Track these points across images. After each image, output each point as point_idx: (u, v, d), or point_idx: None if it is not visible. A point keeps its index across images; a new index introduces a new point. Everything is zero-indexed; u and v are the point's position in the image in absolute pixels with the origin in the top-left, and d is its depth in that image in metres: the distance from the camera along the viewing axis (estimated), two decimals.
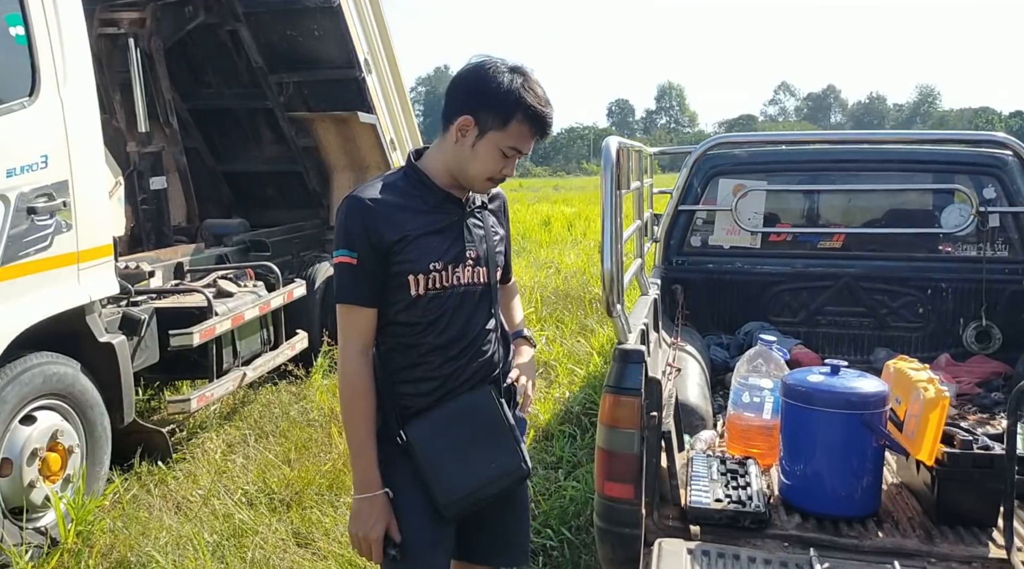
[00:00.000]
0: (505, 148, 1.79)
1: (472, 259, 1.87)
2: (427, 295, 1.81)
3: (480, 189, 1.89)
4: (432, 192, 1.85)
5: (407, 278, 1.79)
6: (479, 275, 1.89)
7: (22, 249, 3.30)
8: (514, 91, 1.76)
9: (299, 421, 4.97)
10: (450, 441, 1.83)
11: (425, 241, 1.80)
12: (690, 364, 3.19)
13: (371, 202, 1.78)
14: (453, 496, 1.82)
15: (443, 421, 1.83)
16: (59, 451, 3.46)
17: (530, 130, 1.79)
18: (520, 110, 1.76)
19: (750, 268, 4.17)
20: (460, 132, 1.80)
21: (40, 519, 3.38)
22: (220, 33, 6.38)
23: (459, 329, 1.86)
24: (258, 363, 5.14)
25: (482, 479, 1.85)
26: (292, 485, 3.86)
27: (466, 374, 1.87)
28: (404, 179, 1.86)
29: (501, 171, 1.83)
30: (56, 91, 3.51)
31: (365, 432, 1.80)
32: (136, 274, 4.49)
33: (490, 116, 1.77)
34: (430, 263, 1.80)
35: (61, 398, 3.52)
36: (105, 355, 3.82)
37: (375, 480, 1.80)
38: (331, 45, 6.36)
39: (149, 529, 3.39)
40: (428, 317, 1.82)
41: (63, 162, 3.52)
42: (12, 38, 3.35)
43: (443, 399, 1.85)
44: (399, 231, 1.78)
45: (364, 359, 1.81)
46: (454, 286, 1.84)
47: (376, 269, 1.78)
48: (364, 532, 1.79)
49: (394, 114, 7.16)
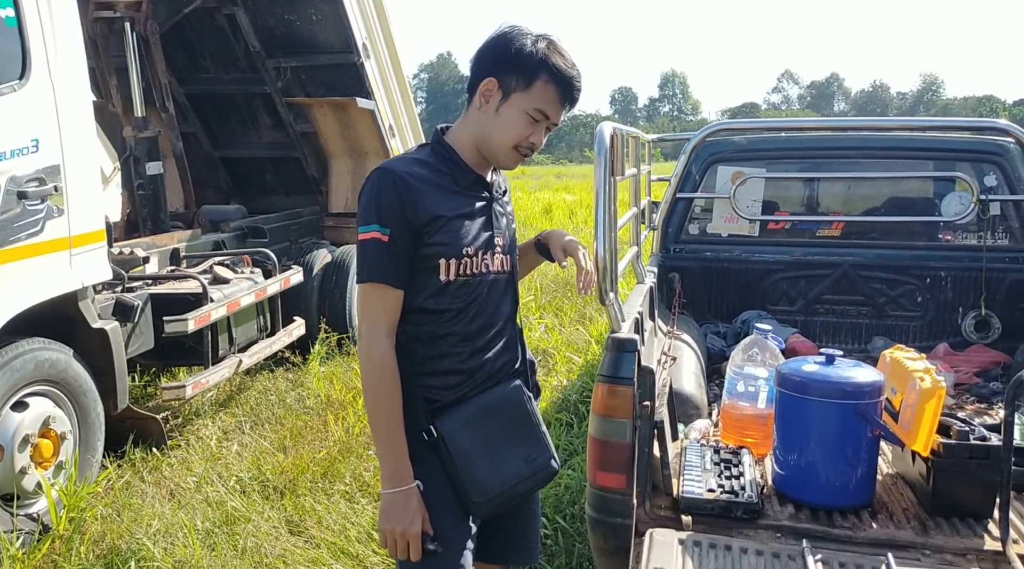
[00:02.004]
0: (531, 110, 1.68)
1: (500, 246, 1.79)
2: (457, 281, 1.70)
3: (505, 161, 1.74)
4: (463, 172, 1.75)
5: (438, 261, 1.68)
6: (505, 263, 1.81)
7: (13, 234, 3.27)
8: (539, 51, 1.67)
9: (295, 408, 4.96)
10: (483, 437, 1.73)
11: (458, 224, 1.70)
12: (686, 353, 3.17)
13: (407, 175, 1.66)
14: (488, 494, 1.71)
15: (474, 415, 1.74)
16: (51, 437, 3.45)
17: (556, 93, 1.68)
18: (545, 70, 1.66)
19: (748, 256, 4.13)
20: (484, 97, 1.70)
21: (32, 505, 3.37)
22: (217, 17, 6.34)
23: (487, 319, 1.77)
24: (254, 350, 5.12)
25: (516, 476, 1.76)
26: (286, 472, 3.85)
27: (493, 367, 1.79)
28: (433, 155, 1.75)
29: (528, 138, 1.70)
30: (47, 74, 3.47)
31: (395, 421, 1.67)
32: (131, 260, 4.46)
33: (514, 77, 1.67)
34: (463, 248, 1.70)
35: (53, 384, 3.50)
36: (98, 341, 3.80)
37: (407, 471, 1.67)
38: (329, 29, 6.32)
39: (141, 516, 3.38)
40: (456, 305, 1.72)
41: (54, 146, 3.48)
42: (2, 20, 3.31)
43: (469, 393, 1.76)
44: (434, 210, 1.66)
45: (391, 342, 1.67)
46: (483, 273, 1.75)
47: (408, 248, 1.66)
48: (403, 528, 1.65)
49: (393, 100, 7.12)
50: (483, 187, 1.78)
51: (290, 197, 7.38)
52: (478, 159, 1.77)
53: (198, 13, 6.17)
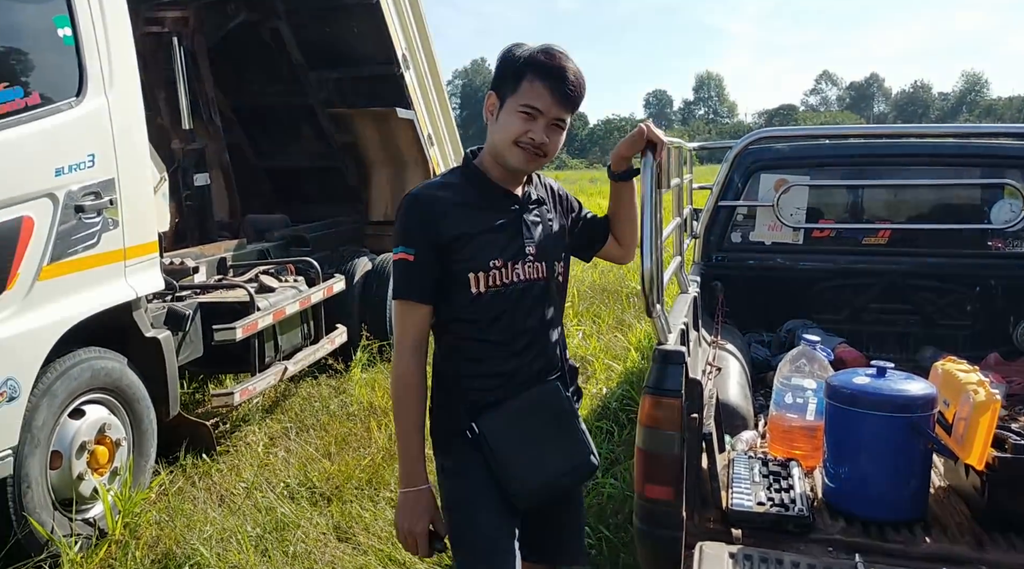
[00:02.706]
0: (521, 107, 1.77)
1: (532, 255, 1.87)
2: (488, 292, 1.82)
3: (514, 161, 1.81)
4: (488, 189, 1.86)
5: (467, 276, 1.80)
6: (539, 270, 1.89)
7: (71, 247, 3.37)
8: (524, 55, 1.79)
9: (339, 415, 5.03)
10: (522, 432, 1.83)
11: (483, 239, 1.82)
12: (731, 363, 3.15)
13: (429, 199, 1.81)
14: (527, 486, 1.81)
15: (514, 413, 1.84)
16: (107, 444, 3.54)
17: (543, 87, 1.76)
18: (530, 69, 1.77)
19: (792, 264, 4.10)
20: (489, 112, 1.84)
21: (88, 511, 3.46)
22: (262, 31, 6.46)
23: (521, 325, 1.86)
24: (299, 357, 5.20)
25: (555, 470, 1.85)
26: (332, 479, 3.91)
27: (531, 369, 1.88)
28: (462, 177, 1.89)
29: (527, 134, 1.77)
30: (103, 91, 3.57)
31: (412, 426, 1.81)
32: (181, 270, 4.57)
33: (506, 85, 1.79)
34: (489, 260, 1.81)
35: (109, 392, 3.60)
36: (151, 350, 3.90)
37: (420, 474, 1.81)
38: (370, 42, 6.40)
39: (194, 522, 3.46)
40: (490, 314, 1.83)
41: (110, 161, 3.58)
42: (60, 39, 3.42)
43: (509, 394, 1.85)
44: (457, 229, 1.79)
45: (415, 355, 1.81)
46: (514, 283, 1.84)
47: (433, 266, 1.80)
48: (409, 525, 1.80)
49: (432, 109, 7.19)
50: (511, 200, 1.88)
51: (331, 206, 7.47)
52: (502, 173, 1.86)
53: (243, 27, 6.30)
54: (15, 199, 3.11)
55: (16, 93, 3.17)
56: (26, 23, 3.32)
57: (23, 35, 3.32)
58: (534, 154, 1.80)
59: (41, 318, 3.20)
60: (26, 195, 3.16)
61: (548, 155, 1.83)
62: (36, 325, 3.18)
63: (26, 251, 3.15)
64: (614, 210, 2.05)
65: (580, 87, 1.80)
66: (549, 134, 1.80)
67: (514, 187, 1.89)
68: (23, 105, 3.19)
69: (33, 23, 3.34)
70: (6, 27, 3.26)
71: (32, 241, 3.18)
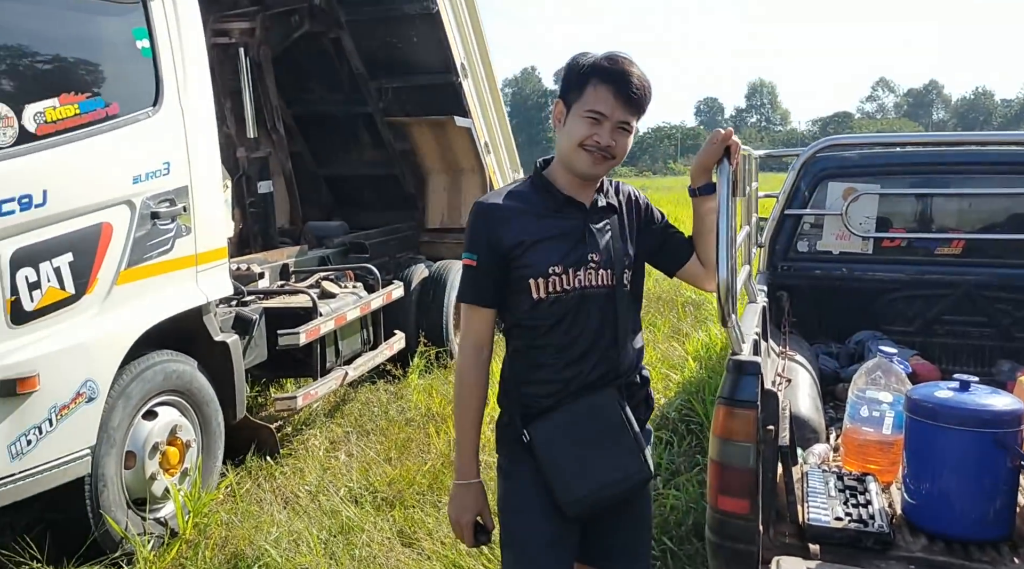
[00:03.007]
0: (586, 112, 1.81)
1: (595, 262, 1.88)
2: (548, 298, 1.85)
3: (580, 165, 1.85)
4: (554, 197, 1.90)
5: (528, 282, 1.85)
6: (603, 278, 1.89)
7: (146, 252, 3.47)
8: (588, 62, 1.84)
9: (398, 420, 5.07)
10: (571, 442, 1.86)
11: (544, 246, 1.85)
12: (800, 374, 3.10)
13: (493, 208, 1.88)
14: (573, 495, 1.84)
15: (565, 422, 1.86)
16: (177, 445, 3.63)
17: (607, 91, 1.80)
18: (593, 75, 1.81)
19: (861, 274, 4.01)
20: (557, 120, 1.90)
21: (159, 510, 3.54)
22: (323, 41, 6.58)
23: (581, 332, 1.88)
24: (359, 362, 5.27)
25: (602, 480, 1.86)
26: (395, 484, 3.94)
27: (589, 378, 1.88)
28: (530, 185, 1.94)
29: (592, 138, 1.81)
30: (177, 100, 3.67)
31: (468, 423, 1.92)
32: (247, 275, 4.67)
33: (572, 92, 1.84)
34: (549, 267, 1.84)
35: (179, 394, 3.69)
36: (219, 353, 3.98)
37: (471, 469, 1.92)
38: (429, 51, 6.48)
39: (262, 523, 3.51)
40: (550, 320, 1.87)
41: (183, 168, 3.68)
42: (138, 51, 3.53)
43: (563, 400, 1.88)
44: (517, 236, 1.84)
45: (475, 355, 1.90)
46: (575, 289, 1.86)
47: (494, 272, 1.86)
48: (456, 516, 1.93)
49: (488, 117, 7.23)
50: (576, 207, 1.90)
51: (387, 213, 7.56)
52: (570, 180, 1.90)
53: (305, 37, 6.42)
54: (96, 206, 3.22)
55: (97, 103, 3.28)
56: (107, 35, 3.44)
57: (104, 47, 3.43)
58: (601, 157, 1.84)
59: (118, 321, 3.30)
60: (106, 202, 3.27)
61: (616, 157, 1.86)
62: (114, 328, 3.28)
63: (105, 256, 3.26)
64: (698, 229, 2.02)
65: (644, 90, 1.84)
66: (615, 137, 1.83)
67: (582, 194, 1.92)
68: (104, 115, 3.30)
69: (113, 35, 3.45)
70: (88, 39, 3.37)
71: (111, 246, 3.28)
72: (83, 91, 3.22)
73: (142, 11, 3.52)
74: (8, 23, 2.94)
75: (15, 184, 2.89)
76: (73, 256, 3.10)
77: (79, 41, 3.33)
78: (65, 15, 3.25)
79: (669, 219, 2.14)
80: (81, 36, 3.34)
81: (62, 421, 3.02)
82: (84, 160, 3.17)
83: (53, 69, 3.18)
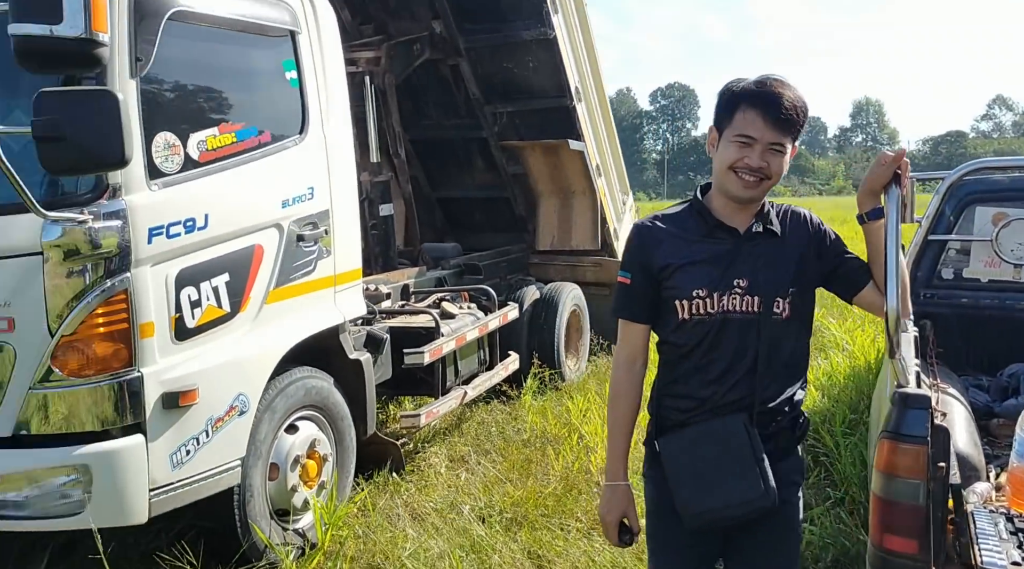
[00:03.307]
0: (735, 137, 1.86)
1: (741, 288, 1.91)
2: (692, 320, 1.92)
3: (733, 188, 1.89)
4: (706, 221, 1.95)
5: (674, 303, 1.93)
6: (748, 304, 1.91)
7: (292, 273, 3.64)
8: (738, 89, 1.89)
9: (515, 441, 5.10)
10: (695, 459, 1.92)
11: (691, 269, 1.92)
12: (955, 408, 2.95)
13: (647, 230, 2.00)
14: (690, 510, 1.92)
15: (692, 439, 1.94)
16: (316, 459, 3.77)
17: (755, 114, 1.83)
18: (743, 100, 1.86)
19: (1014, 303, 3.80)
20: (711, 146, 1.96)
21: (298, 521, 3.67)
22: (442, 67, 6.77)
23: (720, 354, 1.92)
24: (477, 382, 5.35)
25: (721, 501, 1.90)
26: (520, 505, 3.96)
27: (723, 400, 1.93)
28: (687, 209, 2.02)
29: (742, 161, 1.85)
30: (320, 128, 3.85)
31: (617, 431, 2.05)
32: (375, 295, 4.82)
33: (724, 118, 1.90)
34: (693, 290, 1.91)
35: (317, 410, 3.83)
36: (352, 371, 4.12)
37: (618, 472, 2.04)
38: (545, 75, 6.57)
39: (395, 537, 3.59)
40: (692, 340, 1.93)
41: (325, 193, 3.85)
42: (287, 82, 3.72)
43: (694, 418, 1.95)
44: (666, 258, 1.94)
45: (628, 368, 2.03)
46: (718, 313, 1.91)
47: (646, 290, 1.97)
48: (603, 514, 2.06)
49: (600, 140, 7.26)
50: (728, 232, 1.94)
51: (497, 234, 7.67)
52: (726, 205, 1.94)
53: (425, 65, 6.61)
54: (250, 228, 3.40)
55: (252, 132, 3.48)
56: (260, 67, 3.65)
57: (257, 78, 3.65)
58: (754, 180, 1.86)
59: (267, 339, 3.47)
60: (258, 225, 3.45)
61: (772, 178, 1.89)
62: (263, 345, 3.44)
63: (257, 276, 3.43)
64: (872, 257, 1.99)
65: (795, 110, 1.86)
66: (767, 158, 1.86)
67: (737, 219, 1.95)
68: (257, 142, 3.49)
69: (266, 67, 3.66)
70: (244, 71, 3.60)
71: (262, 267, 3.46)
72: (239, 120, 3.42)
73: (291, 44, 3.71)
74: (175, 58, 3.15)
75: (181, 208, 3.08)
76: (229, 276, 3.28)
77: (236, 73, 3.55)
78: (223, 49, 3.46)
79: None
80: (238, 68, 3.56)
81: (217, 433, 3.18)
82: (240, 185, 3.36)
83: (214, 100, 3.40)
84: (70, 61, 2.48)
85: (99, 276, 2.82)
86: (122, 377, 2.88)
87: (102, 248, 2.79)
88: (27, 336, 2.80)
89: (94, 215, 2.78)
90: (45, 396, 2.83)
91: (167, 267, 3.03)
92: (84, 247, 2.76)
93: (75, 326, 2.80)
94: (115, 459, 2.86)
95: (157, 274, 2.99)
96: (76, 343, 2.81)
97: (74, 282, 2.80)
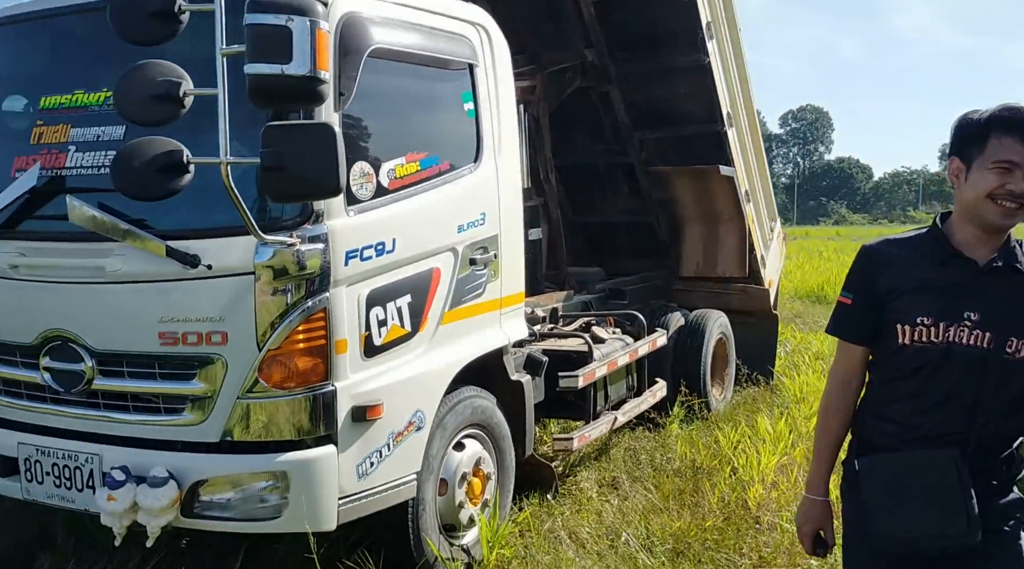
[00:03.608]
0: (993, 165, 1.83)
1: (972, 321, 1.87)
2: (912, 346, 1.90)
3: (992, 215, 1.85)
4: (943, 249, 1.93)
5: (896, 327, 1.92)
6: (979, 338, 1.86)
7: (464, 295, 3.78)
8: (983, 116, 1.87)
9: (665, 469, 5.06)
10: (894, 486, 1.90)
11: (918, 295, 1.91)
12: None
13: (875, 252, 2.01)
14: (882, 532, 1.90)
15: (893, 466, 1.92)
16: (480, 477, 3.87)
17: (1013, 140, 1.81)
18: (994, 129, 1.84)
19: None
20: (954, 177, 1.94)
21: (463, 537, 3.78)
22: (592, 94, 6.84)
23: (937, 385, 1.89)
24: (626, 408, 5.34)
25: (916, 531, 1.87)
26: (681, 536, 3.92)
27: (934, 431, 1.89)
28: (923, 235, 2.01)
29: (1004, 187, 1.82)
30: (493, 157, 3.99)
31: (823, 445, 2.10)
32: (531, 318, 4.91)
33: (971, 149, 1.87)
34: (918, 317, 1.89)
35: (481, 428, 3.94)
36: (511, 392, 4.21)
37: (818, 485, 2.09)
38: (696, 101, 6.54)
39: (559, 560, 3.64)
40: (910, 367, 1.92)
41: (495, 219, 3.98)
42: (465, 112, 3.89)
43: (899, 445, 1.92)
44: (893, 282, 1.94)
45: (841, 387, 2.06)
46: (942, 344, 1.88)
47: (868, 312, 1.98)
48: (800, 523, 2.13)
49: (749, 165, 7.13)
50: (964, 263, 1.90)
51: (638, 260, 7.64)
52: (970, 235, 1.91)
53: (576, 92, 6.72)
54: (430, 252, 3.57)
55: (434, 160, 3.65)
56: (442, 99, 3.84)
57: (439, 110, 3.84)
58: (1015, 206, 1.83)
59: (441, 358, 3.61)
60: (437, 249, 3.61)
61: None
62: (438, 364, 3.59)
63: (434, 298, 3.59)
64: None
65: None
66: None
67: (978, 251, 1.90)
68: (437, 170, 3.66)
69: (447, 99, 3.85)
70: (428, 103, 3.79)
71: (439, 289, 3.61)
72: (423, 150, 3.60)
73: (469, 76, 3.88)
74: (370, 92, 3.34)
75: (374, 233, 3.27)
76: (411, 297, 3.45)
77: (421, 105, 3.76)
78: (411, 82, 3.66)
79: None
80: (422, 100, 3.76)
81: (397, 447, 3.34)
82: (422, 211, 3.53)
83: (402, 131, 3.60)
84: (297, 97, 2.69)
85: (301, 295, 3.02)
86: (318, 390, 3.07)
87: (307, 269, 2.99)
88: (238, 350, 3.03)
89: (301, 238, 2.99)
90: (249, 406, 3.05)
91: (359, 288, 3.22)
92: (292, 268, 2.97)
93: (280, 341, 3.01)
94: (311, 467, 3.04)
95: (351, 294, 3.17)
96: (280, 357, 3.02)
97: (280, 300, 3.01)
